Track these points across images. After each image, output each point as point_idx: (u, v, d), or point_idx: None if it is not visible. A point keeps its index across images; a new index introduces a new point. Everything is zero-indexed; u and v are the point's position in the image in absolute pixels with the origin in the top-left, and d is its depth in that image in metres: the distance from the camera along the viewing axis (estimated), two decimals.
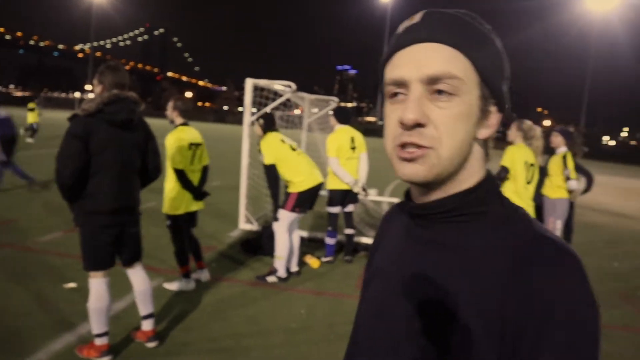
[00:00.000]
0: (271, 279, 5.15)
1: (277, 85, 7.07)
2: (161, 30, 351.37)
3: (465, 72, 0.72)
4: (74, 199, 3.19)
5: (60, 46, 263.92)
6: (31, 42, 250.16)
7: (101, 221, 3.22)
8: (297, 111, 10.94)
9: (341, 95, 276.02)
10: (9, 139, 8.76)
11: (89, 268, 3.26)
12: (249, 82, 6.97)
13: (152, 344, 3.56)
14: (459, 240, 0.74)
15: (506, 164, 4.56)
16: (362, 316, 0.89)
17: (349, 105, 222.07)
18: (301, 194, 5.08)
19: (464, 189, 0.75)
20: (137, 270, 3.57)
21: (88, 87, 73.03)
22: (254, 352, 3.64)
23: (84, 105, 3.17)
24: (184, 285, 4.71)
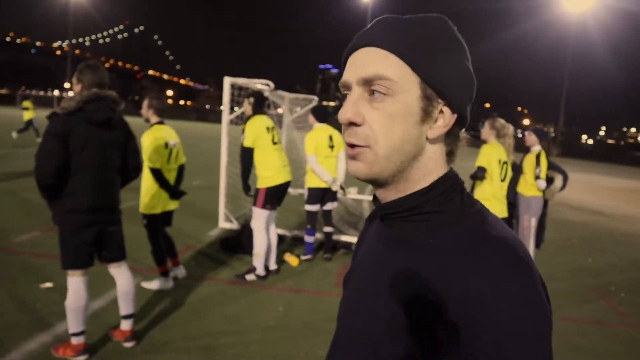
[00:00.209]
0: (250, 277, 5.17)
1: (255, 84, 7.07)
2: (141, 28, 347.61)
3: (398, 73, 0.73)
4: (53, 198, 3.18)
5: (38, 43, 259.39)
6: (7, 39, 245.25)
7: (80, 220, 3.21)
8: (280, 110, 10.95)
9: (323, 94, 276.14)
10: None
11: (67, 267, 3.25)
12: (227, 80, 6.96)
13: (130, 344, 3.55)
14: (419, 239, 0.75)
15: (483, 163, 4.64)
16: (340, 315, 0.91)
17: (331, 104, 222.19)
18: (269, 189, 5.11)
19: (419, 189, 0.77)
20: (122, 270, 3.56)
21: (67, 85, 71.85)
22: (231, 349, 3.65)
23: (63, 104, 3.16)
24: (163, 284, 4.70)
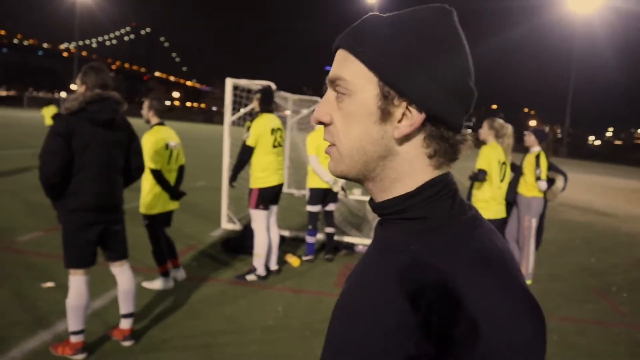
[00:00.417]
0: (251, 277, 5.19)
1: (257, 84, 7.10)
2: (148, 29, 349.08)
3: (354, 73, 0.73)
4: (57, 197, 3.24)
5: (45, 45, 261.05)
6: (15, 41, 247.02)
7: (84, 219, 3.26)
8: (288, 112, 10.97)
9: None
10: None
11: (69, 265, 3.30)
12: (229, 82, 7.01)
13: (128, 343, 3.58)
14: (404, 244, 0.73)
15: (483, 166, 4.64)
16: (330, 317, 0.89)
17: None
18: (262, 190, 5.14)
19: (406, 192, 0.75)
20: (124, 270, 3.61)
21: (73, 86, 72.30)
22: (229, 348, 3.68)
23: (66, 104, 3.22)
24: (163, 284, 4.74)
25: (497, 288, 0.63)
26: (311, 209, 6.05)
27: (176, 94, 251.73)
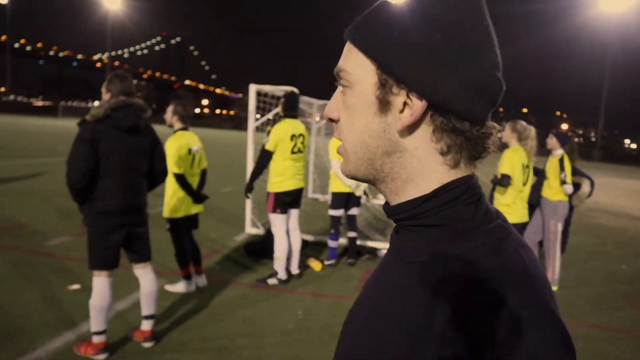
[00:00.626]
0: (271, 281, 5.22)
1: (280, 90, 7.16)
2: (178, 39, 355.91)
3: (354, 63, 0.69)
4: (83, 201, 3.35)
5: (79, 56, 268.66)
6: (51, 53, 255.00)
7: (109, 222, 3.36)
8: (317, 118, 11.01)
9: None
10: None
11: (94, 267, 3.39)
12: (253, 87, 7.09)
13: (149, 344, 3.65)
14: (416, 255, 0.67)
15: (507, 171, 4.55)
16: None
17: None
18: (278, 194, 5.16)
19: (419, 196, 0.67)
20: (147, 272, 3.69)
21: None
22: (247, 351, 3.70)
23: (92, 111, 3.34)
24: (185, 287, 4.80)
25: (524, 314, 0.56)
26: (333, 213, 6.05)
27: (205, 102, 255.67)
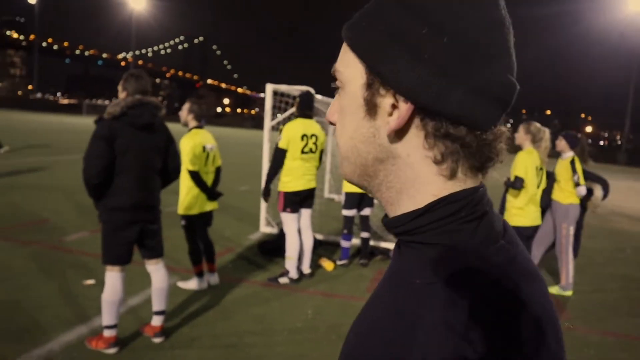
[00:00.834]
0: (283, 280, 5.25)
1: (296, 90, 7.19)
2: (201, 38, 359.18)
3: (346, 62, 0.64)
4: (99, 197, 3.43)
5: (104, 55, 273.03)
6: (77, 52, 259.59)
7: (123, 218, 3.43)
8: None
9: None
10: None
11: (107, 262, 3.47)
12: (269, 87, 7.14)
13: (158, 340, 3.71)
14: (410, 274, 0.61)
15: (521, 174, 4.50)
16: None
17: None
18: (287, 194, 5.18)
19: (413, 209, 0.61)
20: (159, 268, 3.75)
21: None
22: (255, 349, 3.74)
23: (109, 109, 3.41)
24: (197, 285, 4.86)
25: (526, 349, 0.51)
26: (346, 213, 6.06)
27: (226, 101, 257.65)
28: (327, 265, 5.93)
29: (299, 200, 5.27)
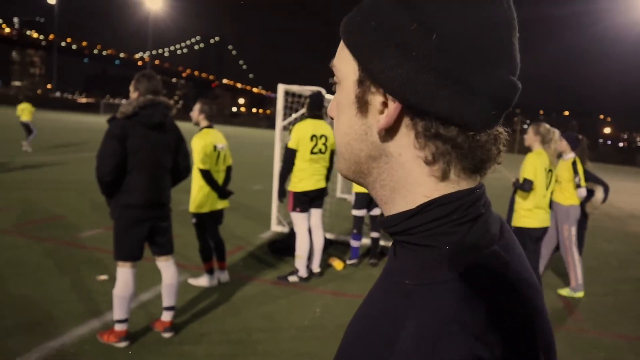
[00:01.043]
0: (292, 278, 5.30)
1: (308, 90, 7.23)
2: (217, 38, 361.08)
3: (341, 58, 0.64)
4: (111, 194, 3.50)
5: (122, 55, 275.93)
6: (95, 52, 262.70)
7: (135, 215, 3.51)
8: None
9: None
10: None
11: (119, 258, 3.55)
12: (281, 87, 7.19)
13: (168, 334, 3.77)
14: (403, 275, 0.60)
15: (530, 176, 4.48)
16: None
17: None
18: (296, 194, 5.23)
19: (406, 210, 0.60)
20: (169, 265, 3.82)
21: None
22: (263, 345, 3.79)
23: (121, 109, 3.49)
24: (208, 282, 4.93)
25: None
26: (356, 213, 6.09)
27: (241, 100, 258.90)
28: (337, 264, 5.96)
29: (308, 200, 5.31)
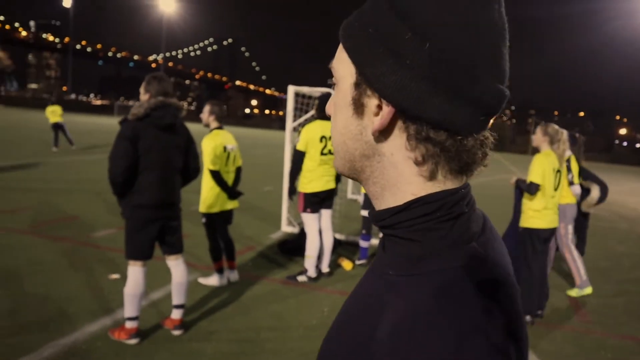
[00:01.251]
0: (301, 278, 5.35)
1: (318, 92, 7.28)
2: (230, 40, 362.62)
3: (340, 60, 0.67)
4: (123, 194, 3.58)
5: (136, 57, 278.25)
6: (109, 54, 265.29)
7: (146, 215, 3.59)
8: None
9: None
10: None
11: (130, 257, 3.63)
12: (291, 89, 7.25)
13: (177, 332, 3.85)
14: (388, 267, 0.65)
15: (537, 179, 4.46)
16: None
17: None
18: (307, 195, 5.27)
19: (394, 205, 0.65)
20: (179, 264, 3.90)
21: None
22: (270, 343, 3.84)
23: (133, 111, 3.57)
24: (218, 281, 5.00)
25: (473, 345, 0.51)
26: (365, 213, 6.13)
27: (254, 102, 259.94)
28: (346, 264, 6.00)
29: (318, 201, 5.36)
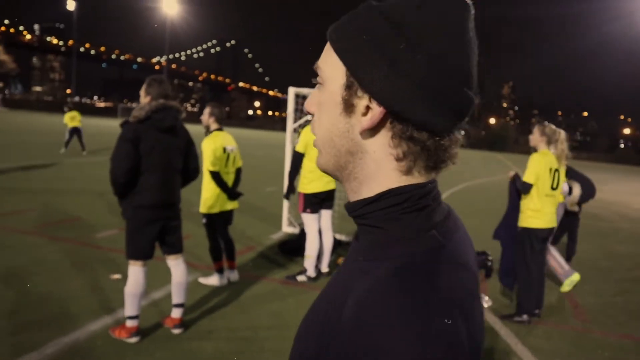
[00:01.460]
0: (301, 278, 5.39)
1: None
2: (233, 42, 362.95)
3: (328, 61, 0.71)
4: (124, 195, 3.64)
5: (139, 59, 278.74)
6: (113, 56, 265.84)
7: (147, 215, 3.64)
8: None
9: None
10: None
11: (131, 257, 3.67)
12: (292, 90, 7.29)
13: (177, 331, 3.89)
14: (357, 254, 0.71)
15: (530, 179, 4.49)
16: None
17: None
18: (307, 195, 5.32)
19: (368, 197, 0.70)
20: (179, 263, 3.95)
21: None
22: (269, 342, 3.88)
23: (134, 113, 3.62)
24: (218, 281, 5.04)
25: (409, 339, 0.54)
26: None
27: (257, 103, 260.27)
28: None
29: (318, 202, 5.40)
